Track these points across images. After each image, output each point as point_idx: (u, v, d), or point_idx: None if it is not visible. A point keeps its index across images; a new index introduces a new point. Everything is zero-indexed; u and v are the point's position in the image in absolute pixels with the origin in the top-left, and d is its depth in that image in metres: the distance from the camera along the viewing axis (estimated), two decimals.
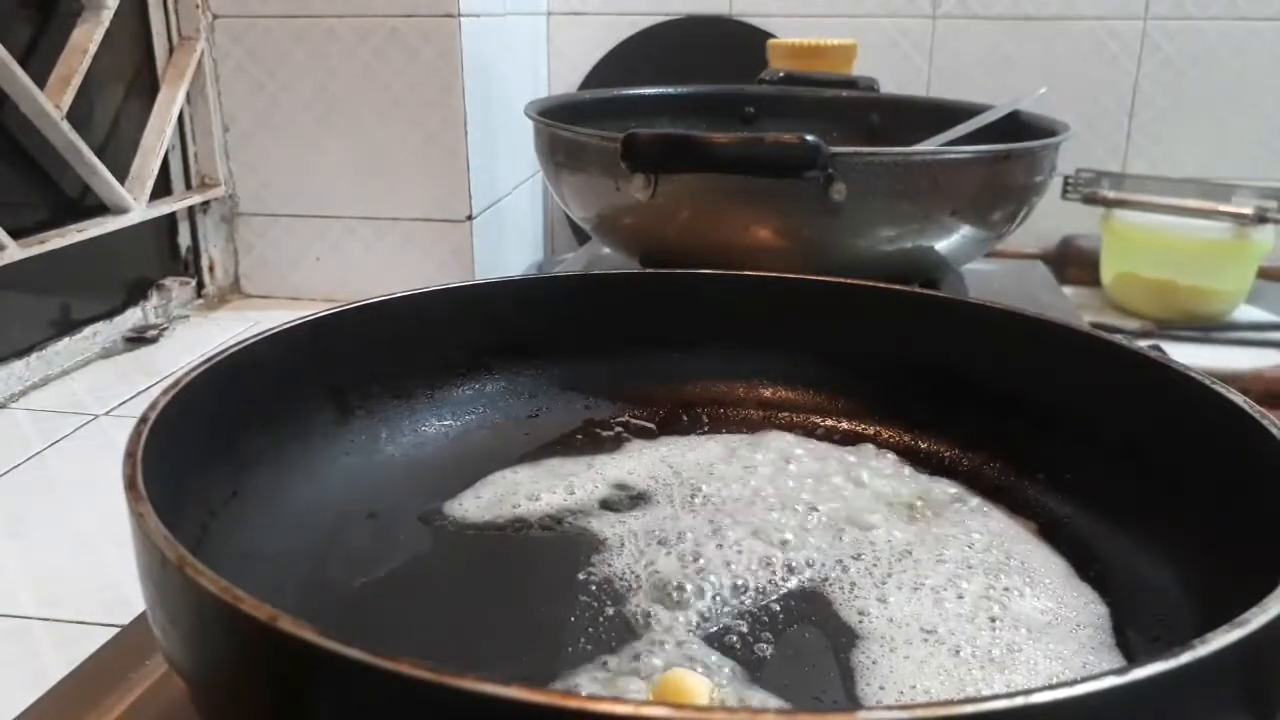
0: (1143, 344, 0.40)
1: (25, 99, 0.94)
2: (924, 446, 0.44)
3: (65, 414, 0.90)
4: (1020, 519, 0.39)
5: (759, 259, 0.60)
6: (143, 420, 0.30)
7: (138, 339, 1.10)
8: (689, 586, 0.34)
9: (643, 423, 0.47)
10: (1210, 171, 1.33)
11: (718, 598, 0.34)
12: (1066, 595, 0.34)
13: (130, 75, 1.15)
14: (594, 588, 0.34)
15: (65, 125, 0.98)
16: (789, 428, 0.46)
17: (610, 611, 0.33)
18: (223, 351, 0.36)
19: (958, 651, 0.31)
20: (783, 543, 0.37)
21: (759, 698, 0.29)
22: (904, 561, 0.36)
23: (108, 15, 1.05)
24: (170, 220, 1.21)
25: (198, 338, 1.12)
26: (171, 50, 1.19)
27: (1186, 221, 1.12)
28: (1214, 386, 0.34)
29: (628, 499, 0.40)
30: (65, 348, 1.03)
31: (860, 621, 0.33)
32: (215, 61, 1.21)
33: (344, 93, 1.20)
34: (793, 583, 0.35)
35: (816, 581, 0.35)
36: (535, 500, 0.40)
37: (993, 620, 0.33)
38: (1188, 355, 0.47)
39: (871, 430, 0.46)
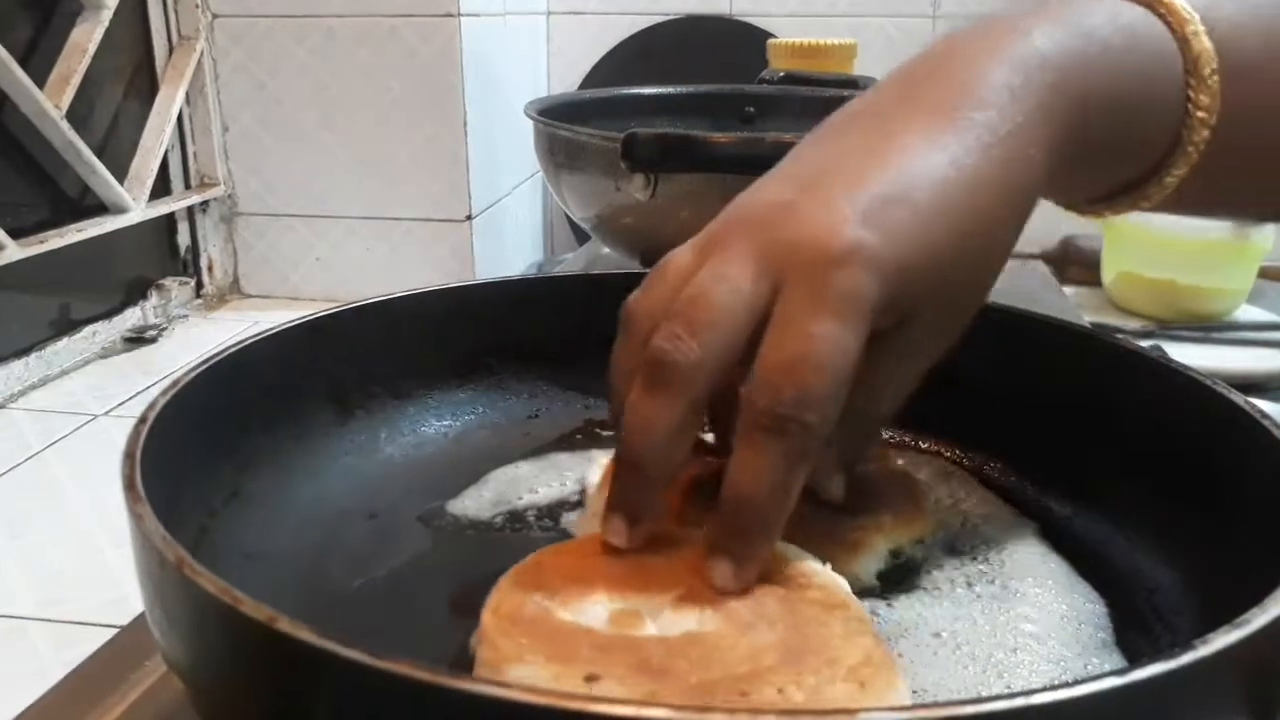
0: (1143, 344, 0.40)
1: (25, 98, 0.94)
2: (924, 446, 0.44)
3: (64, 414, 0.90)
4: (1020, 519, 0.39)
5: None
6: (142, 420, 0.30)
7: (137, 339, 1.10)
8: None
9: None
10: None
11: None
12: (1067, 596, 0.34)
13: (130, 75, 1.15)
14: None
15: (65, 125, 0.98)
16: None
17: None
18: (222, 351, 0.36)
19: (959, 651, 0.31)
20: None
21: None
22: (909, 564, 0.36)
23: (107, 15, 1.05)
24: (169, 220, 1.21)
25: (197, 338, 1.12)
26: (171, 50, 1.19)
27: (1187, 221, 1.12)
28: (1214, 386, 0.34)
29: None
30: (64, 348, 1.03)
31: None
32: (215, 61, 1.21)
33: (343, 93, 1.20)
34: None
35: None
36: (535, 493, 0.40)
37: (993, 621, 0.33)
38: (1188, 355, 0.47)
39: None
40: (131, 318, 1.13)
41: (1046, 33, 0.31)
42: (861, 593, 0.34)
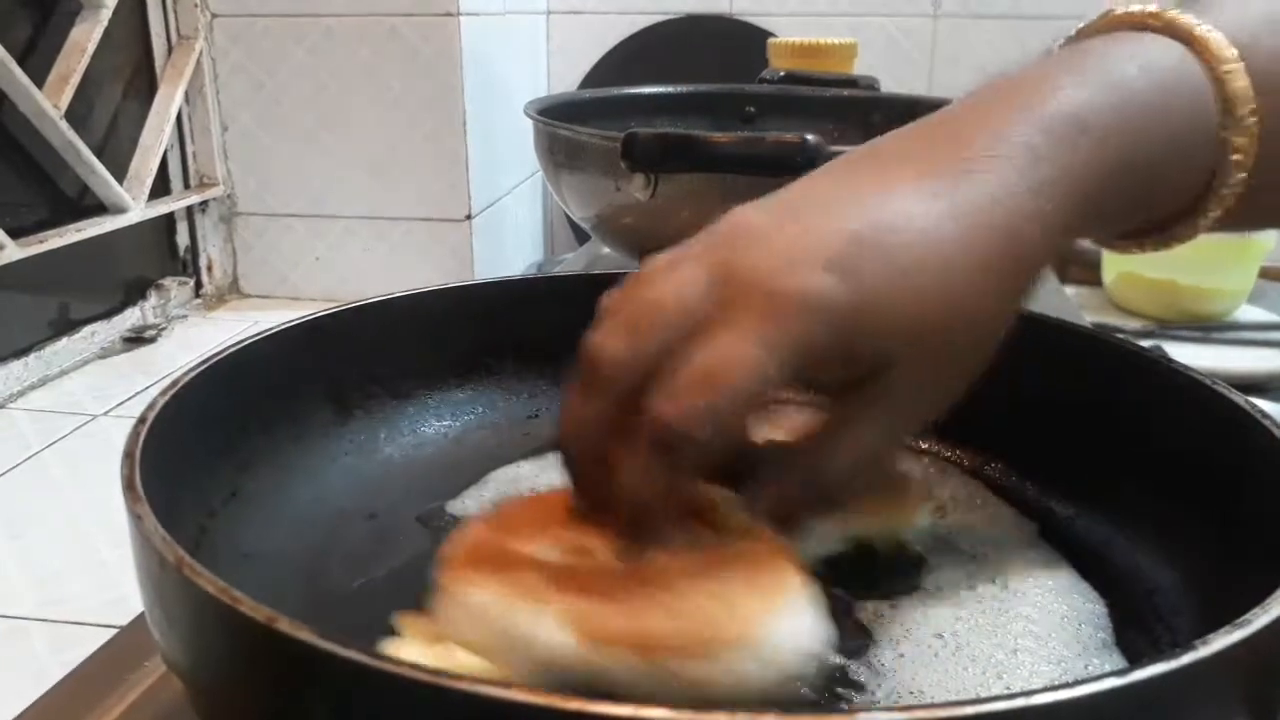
0: (1144, 344, 0.40)
1: (24, 98, 0.94)
2: (924, 446, 0.44)
3: (64, 414, 0.90)
4: (1021, 519, 0.39)
5: None
6: (141, 420, 0.30)
7: (136, 339, 1.10)
8: None
9: None
10: None
11: None
12: (1067, 596, 0.34)
13: (129, 74, 1.15)
14: None
15: (64, 124, 0.97)
16: None
17: None
18: (221, 351, 0.36)
19: (960, 652, 0.31)
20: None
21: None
22: (909, 564, 0.36)
23: (106, 14, 1.05)
24: (169, 220, 1.21)
25: (196, 337, 1.12)
26: (170, 49, 1.19)
27: None
28: (1215, 386, 0.34)
29: None
30: (64, 348, 1.03)
31: (870, 623, 0.33)
32: (214, 61, 1.21)
33: (343, 92, 1.20)
34: None
35: (821, 584, 0.35)
36: (535, 493, 0.40)
37: (994, 621, 0.33)
38: (1189, 355, 0.47)
39: None
40: (131, 318, 1.13)
41: (1078, 87, 0.29)
42: (862, 593, 0.34)
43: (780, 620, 0.26)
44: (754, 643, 0.26)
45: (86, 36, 1.02)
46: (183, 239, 1.23)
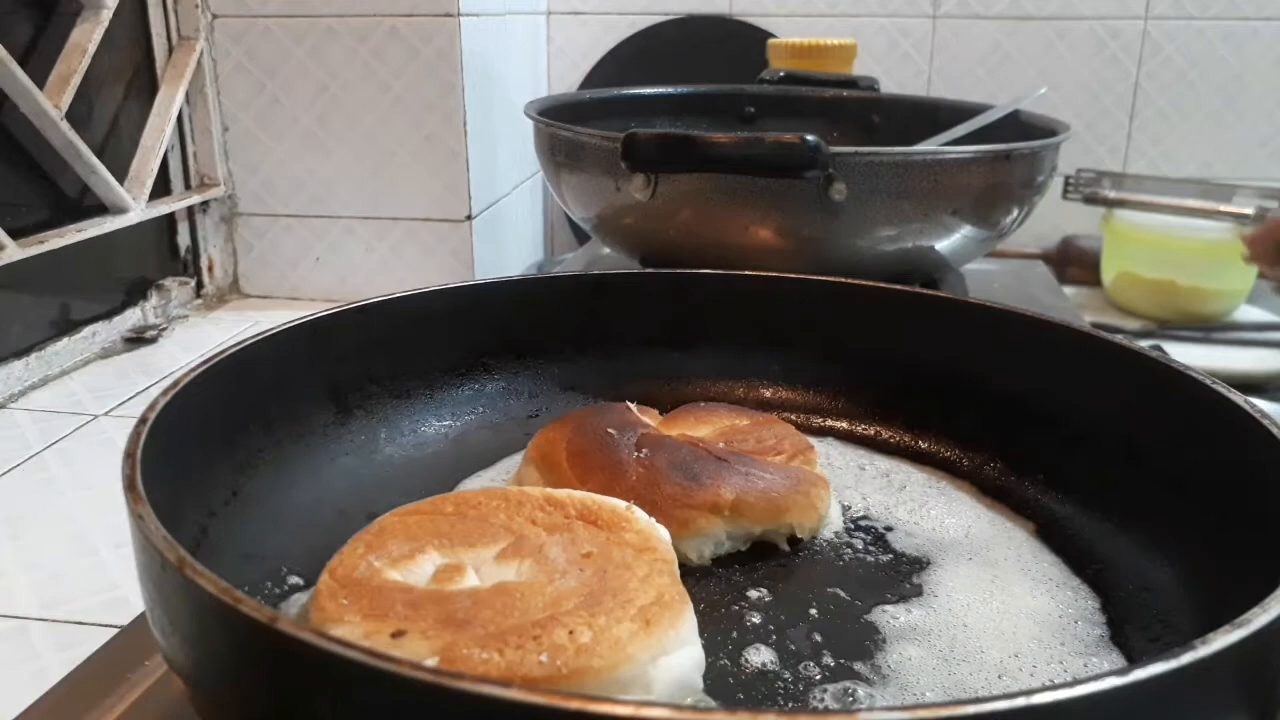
0: (1143, 344, 0.40)
1: (24, 98, 0.94)
2: (924, 446, 0.44)
3: (64, 414, 0.90)
4: (1020, 519, 0.39)
5: (759, 259, 0.60)
6: (142, 421, 0.30)
7: (137, 339, 1.10)
8: (698, 586, 0.34)
9: None
10: (1210, 171, 1.33)
11: (728, 598, 0.34)
12: (1066, 595, 0.34)
13: (129, 75, 1.15)
14: None
15: (64, 125, 0.97)
16: None
17: None
18: (222, 352, 0.36)
19: (961, 653, 0.31)
20: (786, 541, 0.37)
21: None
22: (909, 565, 0.36)
23: (107, 15, 1.05)
24: (169, 220, 1.21)
25: (197, 338, 1.12)
26: (171, 50, 1.19)
27: (1187, 221, 1.12)
28: (1214, 386, 0.34)
29: None
30: (64, 348, 1.03)
31: (874, 625, 0.33)
32: (215, 61, 1.21)
33: (343, 92, 1.20)
34: (792, 584, 0.35)
35: (818, 584, 0.35)
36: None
37: (994, 622, 0.33)
38: (1188, 355, 0.47)
39: (872, 430, 0.46)
40: (132, 318, 1.13)
41: None
42: (866, 596, 0.34)
43: (652, 649, 0.26)
44: (624, 676, 0.25)
45: (87, 37, 1.01)
46: (183, 239, 1.23)
